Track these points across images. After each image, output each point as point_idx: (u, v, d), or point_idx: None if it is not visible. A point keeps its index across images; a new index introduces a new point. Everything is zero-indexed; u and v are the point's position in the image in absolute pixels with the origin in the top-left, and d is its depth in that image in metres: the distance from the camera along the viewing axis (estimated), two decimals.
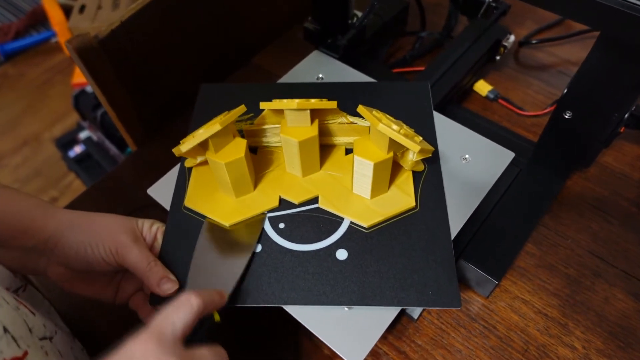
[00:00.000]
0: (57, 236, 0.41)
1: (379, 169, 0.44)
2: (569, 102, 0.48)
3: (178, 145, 0.45)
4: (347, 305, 0.41)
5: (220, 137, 0.44)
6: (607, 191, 0.58)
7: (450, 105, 0.63)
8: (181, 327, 0.34)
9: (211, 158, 0.44)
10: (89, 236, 0.42)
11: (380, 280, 0.42)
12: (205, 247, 0.45)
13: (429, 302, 0.41)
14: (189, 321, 0.34)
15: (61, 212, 0.43)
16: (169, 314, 0.34)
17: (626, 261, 0.53)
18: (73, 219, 0.43)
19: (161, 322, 0.33)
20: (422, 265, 0.43)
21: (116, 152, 1.28)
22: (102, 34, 0.55)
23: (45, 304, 0.50)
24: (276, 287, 0.42)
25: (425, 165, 0.49)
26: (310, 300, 0.41)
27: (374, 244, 0.44)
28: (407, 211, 0.46)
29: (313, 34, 0.63)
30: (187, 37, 0.65)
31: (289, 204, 0.48)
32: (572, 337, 0.48)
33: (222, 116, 0.44)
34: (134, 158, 0.67)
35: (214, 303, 0.38)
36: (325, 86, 0.58)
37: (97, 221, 0.43)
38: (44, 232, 0.41)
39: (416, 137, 0.45)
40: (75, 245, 0.41)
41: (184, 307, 0.35)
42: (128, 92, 0.62)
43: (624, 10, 0.35)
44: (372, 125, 0.43)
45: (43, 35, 1.90)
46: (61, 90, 1.75)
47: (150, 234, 0.45)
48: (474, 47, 0.65)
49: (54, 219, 0.42)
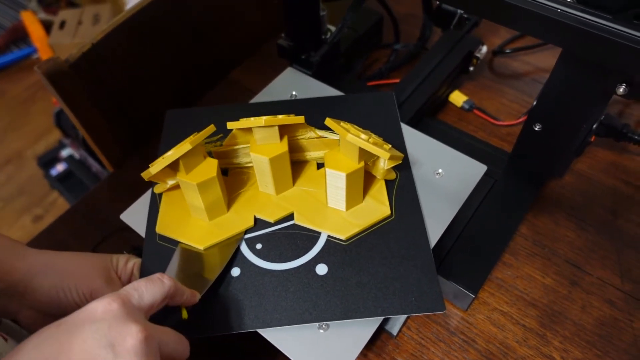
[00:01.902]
0: (27, 280, 0.40)
1: (351, 179, 0.44)
2: (538, 114, 0.48)
3: (147, 169, 0.45)
4: (330, 320, 0.41)
5: (191, 157, 0.44)
6: (582, 199, 0.59)
7: (425, 117, 0.64)
8: (148, 299, 0.34)
9: (182, 179, 0.44)
10: (61, 280, 0.41)
11: (362, 292, 0.42)
12: (177, 266, 0.44)
13: (412, 309, 0.41)
14: (157, 297, 0.35)
15: (31, 255, 0.42)
16: (139, 285, 0.35)
17: (603, 269, 0.53)
18: (45, 261, 0.42)
19: (129, 289, 0.34)
20: (402, 273, 0.43)
21: (99, 169, 1.27)
22: (73, 58, 0.55)
23: (24, 333, 0.49)
24: (259, 310, 0.42)
25: (397, 173, 0.50)
26: (294, 320, 0.41)
27: (353, 256, 0.45)
28: (383, 220, 0.47)
29: (286, 50, 0.63)
30: (161, 57, 0.65)
31: (264, 224, 0.48)
32: (550, 348, 0.49)
33: (192, 137, 0.44)
34: (111, 180, 0.67)
35: (186, 296, 0.38)
36: (293, 103, 0.58)
37: (70, 264, 0.42)
38: (12, 275, 0.40)
39: (385, 145, 0.46)
40: (47, 290, 0.41)
41: (154, 282, 0.35)
42: (103, 115, 0.61)
43: (583, 27, 0.35)
44: (341, 137, 0.43)
45: (24, 52, 1.88)
46: (43, 107, 1.74)
47: (125, 272, 0.45)
48: (447, 59, 0.65)
49: (25, 262, 0.41)
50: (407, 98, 0.62)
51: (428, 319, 0.51)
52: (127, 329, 0.30)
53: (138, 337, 0.30)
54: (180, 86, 0.71)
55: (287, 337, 0.41)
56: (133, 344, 0.30)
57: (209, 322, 0.41)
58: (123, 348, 0.30)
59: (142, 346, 0.30)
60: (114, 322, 0.30)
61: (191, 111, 0.58)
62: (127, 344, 0.30)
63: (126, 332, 0.30)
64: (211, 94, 0.74)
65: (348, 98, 0.57)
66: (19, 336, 0.47)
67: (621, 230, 0.56)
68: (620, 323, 0.50)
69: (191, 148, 0.42)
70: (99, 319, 0.31)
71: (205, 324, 0.41)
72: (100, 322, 0.30)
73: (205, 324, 0.41)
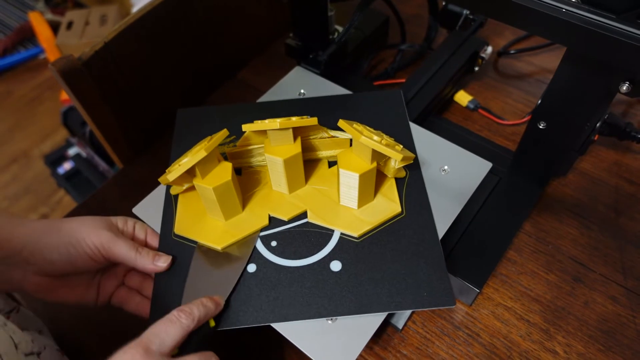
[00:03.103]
0: (32, 244, 0.41)
1: (364, 179, 0.45)
2: (542, 113, 0.49)
3: (164, 175, 0.46)
4: (346, 315, 0.42)
5: (206, 162, 0.45)
6: (585, 197, 0.60)
7: (431, 116, 0.65)
8: (169, 343, 0.36)
9: (199, 184, 0.45)
10: (69, 237, 0.42)
11: (376, 287, 0.43)
12: (199, 267, 0.46)
13: (424, 304, 0.42)
14: (178, 337, 0.36)
15: (30, 221, 0.43)
16: (159, 329, 0.36)
17: (605, 266, 0.54)
18: (47, 225, 0.43)
19: (150, 336, 0.35)
20: (414, 269, 0.44)
21: (106, 168, 1.28)
22: (86, 56, 0.56)
23: (39, 323, 0.50)
24: (275, 304, 0.43)
25: (407, 171, 0.51)
26: (310, 314, 0.42)
27: (365, 253, 0.46)
28: (394, 217, 0.48)
29: (294, 50, 0.64)
30: (171, 56, 0.66)
31: (278, 222, 0.49)
32: (553, 342, 0.49)
33: (206, 141, 0.45)
34: (120, 176, 0.68)
35: (209, 314, 0.40)
36: (302, 102, 0.59)
37: (73, 223, 0.43)
38: (12, 242, 0.41)
39: (397, 146, 0.46)
40: (57, 247, 0.42)
41: (173, 325, 0.37)
42: (113, 112, 0.62)
43: (587, 27, 0.36)
44: (355, 138, 0.44)
45: (31, 52, 1.90)
46: (50, 107, 1.76)
47: (127, 229, 0.46)
48: (452, 59, 0.66)
49: (24, 228, 0.42)
50: (413, 97, 0.63)
51: (433, 313, 0.52)
52: None
53: None
54: (189, 85, 0.72)
55: (296, 328, 0.42)
56: None
57: (226, 316, 0.42)
58: None
59: None
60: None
61: (202, 110, 0.58)
62: None
63: None
64: (219, 93, 0.75)
65: (357, 96, 0.58)
66: (33, 324, 0.48)
67: (624, 228, 0.57)
68: (622, 319, 0.50)
69: (206, 155, 0.43)
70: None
71: (222, 318, 0.42)
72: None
73: (222, 318, 0.42)
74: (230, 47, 0.76)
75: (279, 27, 0.82)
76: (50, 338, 0.50)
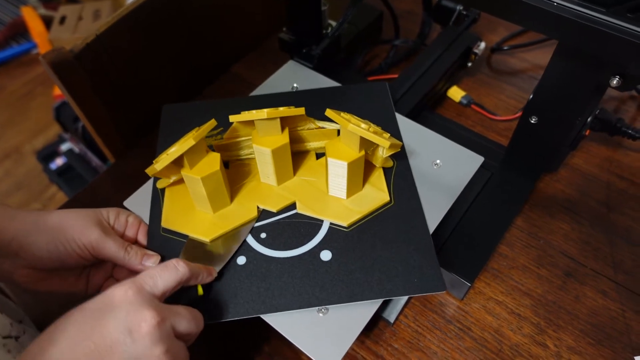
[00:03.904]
0: (21, 238, 0.41)
1: (352, 168, 0.45)
2: (534, 107, 0.49)
3: (152, 165, 0.46)
4: (337, 303, 0.42)
5: (194, 152, 0.44)
6: (577, 192, 0.60)
7: (424, 111, 0.65)
8: (162, 286, 0.37)
9: (187, 174, 0.45)
10: (58, 234, 0.42)
11: (367, 275, 0.43)
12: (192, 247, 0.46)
13: (415, 290, 0.43)
14: (171, 283, 0.37)
15: (20, 215, 0.43)
16: (154, 272, 0.37)
17: (595, 260, 0.54)
18: (36, 220, 0.42)
19: (144, 277, 0.36)
20: (404, 256, 0.44)
21: (98, 163, 1.28)
22: (78, 48, 0.56)
23: (20, 313, 0.50)
24: (266, 295, 0.43)
25: (394, 161, 0.51)
26: (301, 304, 0.42)
27: (355, 242, 0.46)
28: (383, 206, 0.48)
29: (288, 44, 0.64)
30: (163, 50, 0.66)
31: (268, 214, 0.49)
32: (544, 336, 0.50)
33: (194, 132, 0.45)
34: (113, 169, 0.67)
35: (201, 277, 0.41)
36: (289, 95, 0.59)
37: (63, 219, 0.43)
38: (2, 234, 0.41)
39: (385, 134, 0.47)
40: (45, 245, 0.42)
41: (169, 270, 0.38)
42: (105, 105, 0.62)
43: (578, 20, 0.36)
44: (342, 127, 0.44)
45: (23, 47, 1.88)
46: (42, 102, 1.74)
47: (119, 224, 0.46)
48: (445, 55, 0.66)
49: (14, 222, 0.42)
50: (405, 92, 0.63)
51: (425, 307, 0.52)
52: (142, 316, 0.33)
53: (152, 323, 0.33)
54: (182, 79, 0.72)
55: (287, 321, 0.42)
56: (148, 330, 0.33)
57: (217, 309, 0.42)
58: (139, 334, 0.33)
59: (156, 331, 0.33)
60: (131, 308, 0.33)
61: (188, 106, 0.58)
62: (142, 330, 0.33)
63: (141, 319, 0.33)
64: (212, 88, 0.75)
65: (343, 88, 0.59)
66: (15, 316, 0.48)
67: (615, 223, 0.57)
68: (612, 313, 0.51)
69: (195, 144, 0.43)
70: (116, 306, 0.34)
71: (213, 311, 0.42)
72: (118, 309, 0.34)
73: (213, 311, 0.42)
74: (224, 41, 0.76)
75: (273, 22, 0.81)
76: (32, 326, 0.49)
